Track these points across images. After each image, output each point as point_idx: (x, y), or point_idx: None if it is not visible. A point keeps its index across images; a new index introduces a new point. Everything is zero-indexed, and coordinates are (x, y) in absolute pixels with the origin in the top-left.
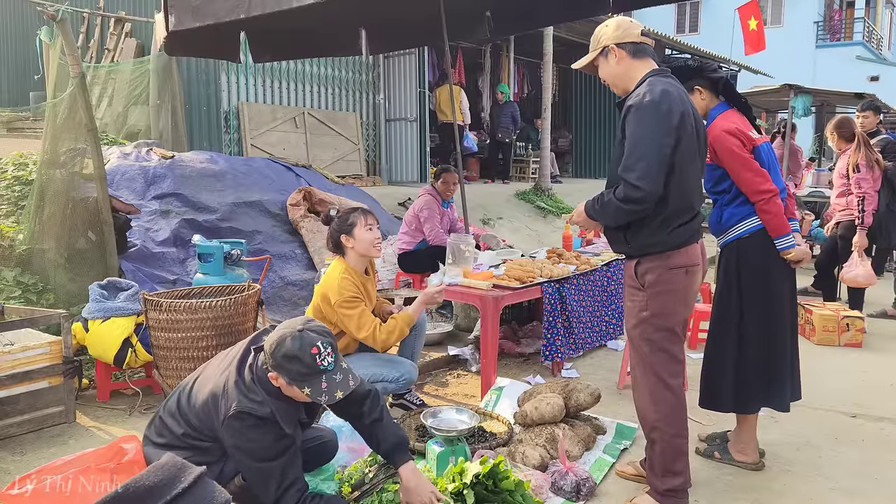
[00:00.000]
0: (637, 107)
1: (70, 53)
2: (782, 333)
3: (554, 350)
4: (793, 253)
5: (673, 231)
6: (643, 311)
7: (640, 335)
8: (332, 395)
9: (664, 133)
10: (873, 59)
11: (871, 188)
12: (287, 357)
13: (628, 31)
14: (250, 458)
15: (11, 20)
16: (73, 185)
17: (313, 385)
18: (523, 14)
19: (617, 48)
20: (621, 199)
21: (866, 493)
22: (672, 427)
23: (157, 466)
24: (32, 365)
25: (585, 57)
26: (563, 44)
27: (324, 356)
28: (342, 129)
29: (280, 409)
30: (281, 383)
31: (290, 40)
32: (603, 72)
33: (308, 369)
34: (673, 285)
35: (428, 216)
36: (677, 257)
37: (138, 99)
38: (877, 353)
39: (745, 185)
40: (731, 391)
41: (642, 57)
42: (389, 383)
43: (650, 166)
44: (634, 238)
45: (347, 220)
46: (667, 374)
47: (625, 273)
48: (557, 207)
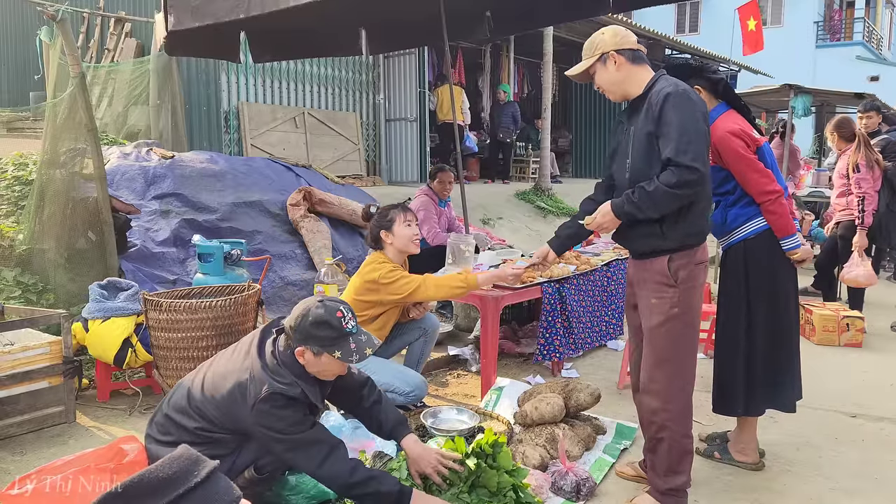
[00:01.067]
0: (674, 94)
1: (70, 53)
2: (788, 333)
3: (552, 350)
4: (798, 253)
5: (704, 218)
6: (674, 307)
7: (667, 333)
8: (363, 354)
9: (703, 118)
10: (873, 59)
11: (871, 188)
12: (315, 324)
13: (626, 38)
14: (282, 433)
15: (11, 20)
16: (73, 185)
17: (343, 347)
18: (523, 14)
19: (617, 54)
20: (674, 184)
21: (866, 493)
22: (682, 427)
23: (171, 458)
24: (32, 365)
25: (581, 64)
26: (563, 44)
27: (348, 320)
28: (342, 129)
29: (308, 390)
30: (308, 358)
31: (290, 40)
32: (601, 78)
33: (336, 332)
34: (699, 280)
35: (425, 217)
36: (702, 252)
37: (138, 99)
38: (877, 353)
39: (751, 186)
40: (742, 394)
41: (641, 63)
42: (399, 395)
43: (701, 148)
44: (673, 229)
45: (387, 217)
46: (686, 374)
47: (649, 271)
48: (557, 207)
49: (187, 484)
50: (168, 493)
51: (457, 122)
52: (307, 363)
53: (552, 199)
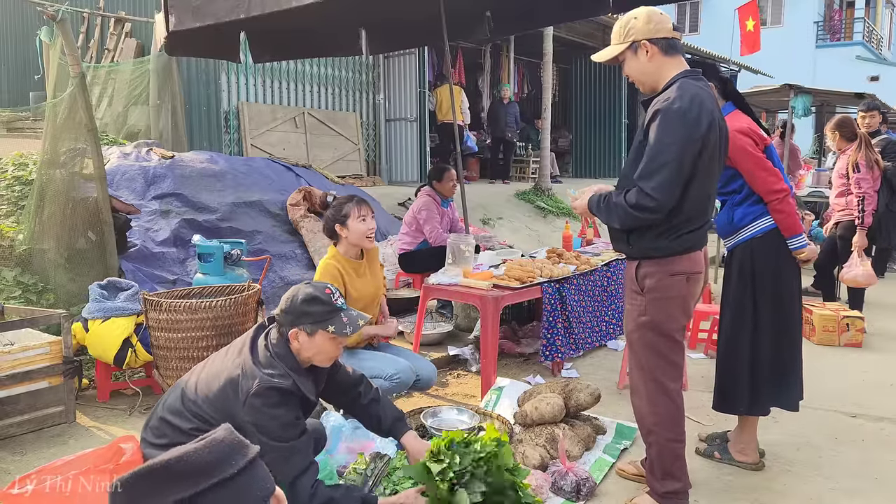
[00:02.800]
0: (664, 112)
1: (70, 53)
2: (793, 332)
3: (554, 350)
4: (805, 252)
5: (680, 237)
6: (642, 315)
7: (639, 339)
8: (356, 326)
9: (689, 141)
10: (873, 59)
11: (870, 188)
12: (306, 300)
13: (661, 25)
14: (270, 437)
15: (11, 20)
16: (73, 185)
17: (336, 321)
18: (523, 14)
19: (649, 44)
20: (632, 204)
21: (866, 493)
22: (669, 431)
23: (213, 441)
24: (32, 365)
25: (609, 49)
26: (563, 44)
27: (336, 296)
28: (342, 129)
29: (301, 382)
30: (302, 341)
31: (290, 40)
32: (630, 68)
33: (328, 307)
34: (673, 292)
35: (427, 217)
36: (679, 263)
37: (138, 99)
38: (877, 353)
39: (760, 185)
40: (747, 393)
41: (674, 54)
42: (384, 381)
43: (669, 178)
44: (637, 241)
45: (342, 211)
46: (665, 379)
47: (625, 274)
48: (557, 207)
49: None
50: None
51: (457, 122)
52: (301, 347)
53: (552, 199)
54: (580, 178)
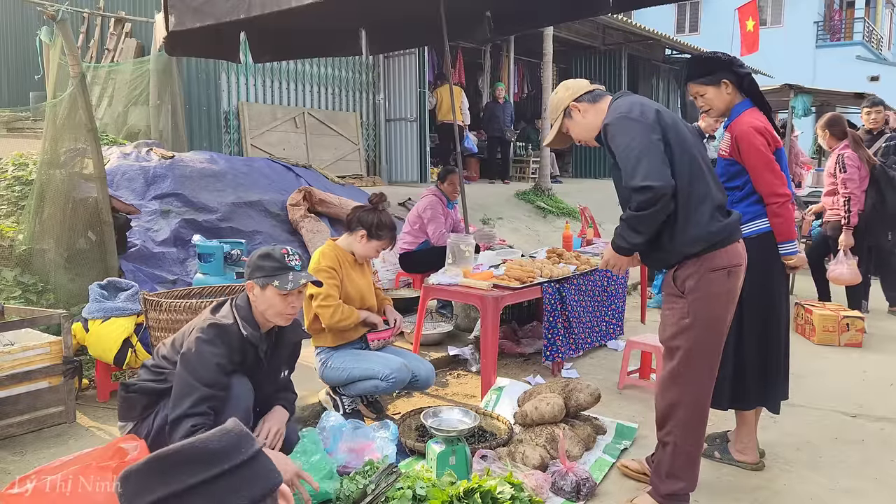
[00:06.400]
0: (611, 122)
1: (70, 53)
2: (779, 334)
3: (555, 350)
4: (794, 259)
5: (708, 221)
6: (684, 318)
7: (680, 345)
8: (297, 283)
9: (646, 129)
10: (873, 59)
11: (857, 188)
12: (261, 256)
13: (578, 86)
14: (185, 368)
15: (11, 20)
16: (73, 185)
17: (281, 277)
18: (523, 14)
19: (576, 103)
20: (636, 207)
21: (866, 493)
22: (691, 437)
23: (222, 430)
24: (32, 365)
25: (552, 129)
26: (563, 44)
27: (292, 257)
28: (342, 129)
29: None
30: (256, 294)
31: (290, 40)
32: (575, 132)
33: (279, 263)
34: (715, 288)
35: (432, 216)
36: (717, 258)
37: (138, 99)
38: (877, 353)
39: (764, 186)
40: (729, 389)
41: (602, 99)
42: (381, 381)
43: (651, 163)
44: (670, 243)
45: (380, 232)
46: (700, 387)
47: (663, 281)
48: (557, 207)
49: (234, 460)
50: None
51: (456, 122)
52: (255, 299)
53: (552, 199)
54: (580, 178)
